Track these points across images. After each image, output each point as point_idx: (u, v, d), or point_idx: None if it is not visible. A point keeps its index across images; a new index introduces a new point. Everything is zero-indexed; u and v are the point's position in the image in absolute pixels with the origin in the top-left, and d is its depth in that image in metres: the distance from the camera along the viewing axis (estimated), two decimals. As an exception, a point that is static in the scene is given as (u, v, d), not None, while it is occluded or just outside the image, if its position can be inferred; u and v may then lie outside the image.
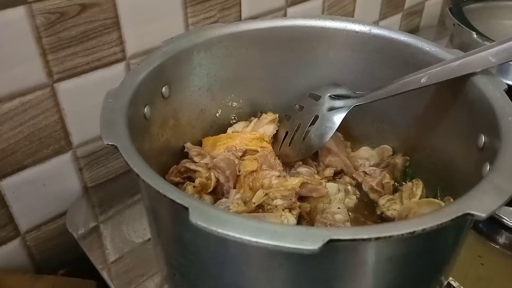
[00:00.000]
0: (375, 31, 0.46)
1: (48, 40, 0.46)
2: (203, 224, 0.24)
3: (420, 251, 0.29)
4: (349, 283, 0.29)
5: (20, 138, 0.49)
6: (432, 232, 0.25)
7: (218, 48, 0.46)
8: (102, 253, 0.50)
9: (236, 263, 0.30)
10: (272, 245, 0.23)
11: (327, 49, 0.49)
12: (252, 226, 0.24)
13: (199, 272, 0.33)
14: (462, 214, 0.25)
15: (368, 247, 0.27)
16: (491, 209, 0.25)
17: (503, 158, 0.29)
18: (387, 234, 0.24)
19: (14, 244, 0.54)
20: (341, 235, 0.23)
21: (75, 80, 0.51)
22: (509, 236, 0.52)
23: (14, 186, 0.51)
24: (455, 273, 0.47)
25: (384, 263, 0.28)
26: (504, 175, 0.28)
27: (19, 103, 0.47)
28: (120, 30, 0.52)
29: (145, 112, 0.39)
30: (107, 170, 0.59)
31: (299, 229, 0.24)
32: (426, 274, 0.32)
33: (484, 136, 0.35)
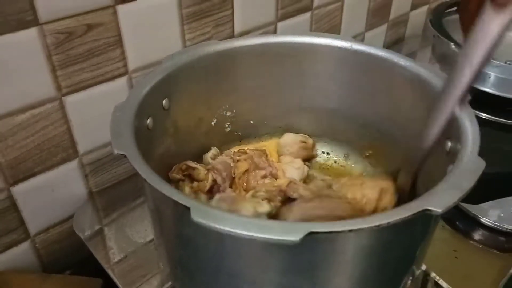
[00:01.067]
0: (355, 46, 0.50)
1: (58, 58, 0.50)
2: (202, 221, 0.28)
3: (390, 242, 0.33)
4: (329, 270, 0.33)
5: (31, 147, 0.52)
6: (398, 225, 0.29)
7: (213, 63, 0.49)
8: (107, 253, 0.53)
9: (230, 256, 0.33)
10: (260, 237, 0.27)
11: (314, 63, 0.52)
12: (244, 221, 0.28)
13: (198, 265, 0.37)
14: (421, 210, 0.28)
15: (343, 239, 0.30)
16: (447, 205, 0.28)
17: (461, 161, 0.33)
18: (358, 227, 0.28)
19: (24, 246, 0.57)
20: (319, 228, 0.27)
21: (81, 93, 0.53)
22: (484, 232, 0.56)
23: (25, 192, 0.54)
24: (431, 265, 0.51)
25: (358, 253, 0.32)
26: (460, 175, 0.31)
27: (30, 115, 0.50)
28: (123, 47, 0.55)
29: (148, 123, 0.42)
30: (110, 176, 0.62)
31: (284, 224, 0.28)
32: (398, 263, 0.36)
33: (450, 142, 0.39)
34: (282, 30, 0.72)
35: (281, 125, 0.57)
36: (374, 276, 0.35)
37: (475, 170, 0.32)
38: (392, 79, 0.48)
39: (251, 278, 0.34)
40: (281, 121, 0.57)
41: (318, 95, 0.54)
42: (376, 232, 0.31)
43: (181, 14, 0.58)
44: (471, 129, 0.36)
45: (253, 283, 0.34)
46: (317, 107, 0.55)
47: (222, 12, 0.63)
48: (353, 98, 0.53)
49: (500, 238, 0.56)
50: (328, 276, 0.33)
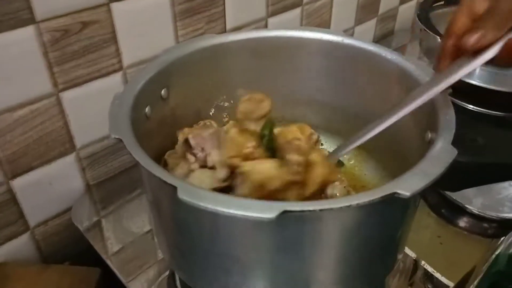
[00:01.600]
0: (346, 41, 0.51)
1: (54, 55, 0.51)
2: (188, 199, 0.29)
3: (364, 223, 0.34)
4: (307, 248, 0.34)
5: (30, 142, 0.53)
6: (369, 206, 0.30)
7: (209, 56, 0.50)
8: (105, 244, 0.54)
9: (217, 235, 0.35)
10: (239, 214, 0.29)
11: (305, 57, 0.53)
12: (225, 200, 0.30)
13: (189, 245, 0.39)
14: (390, 193, 0.30)
15: (317, 218, 0.32)
16: (414, 189, 0.30)
17: (434, 149, 0.34)
18: (329, 207, 0.29)
19: (23, 238, 0.58)
20: (293, 207, 0.29)
21: (77, 89, 0.55)
22: (468, 219, 0.58)
23: (24, 186, 0.55)
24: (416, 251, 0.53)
25: (333, 232, 0.34)
26: (430, 163, 0.33)
27: (28, 111, 0.51)
28: (117, 44, 0.56)
29: (146, 111, 0.43)
30: (107, 169, 0.63)
31: (261, 203, 0.30)
32: (375, 244, 0.37)
33: (430, 132, 0.40)
34: (273, 26, 0.73)
35: (277, 116, 0.57)
36: (351, 255, 0.37)
37: (445, 157, 0.33)
38: (380, 73, 0.49)
39: (235, 255, 0.36)
40: (277, 113, 0.57)
41: (310, 88, 0.56)
42: (348, 212, 0.33)
43: (174, 11, 0.60)
44: (447, 119, 0.38)
45: (237, 260, 0.36)
46: (310, 99, 0.57)
47: (214, 8, 0.64)
48: (343, 91, 0.54)
49: (483, 225, 0.58)
50: (307, 254, 0.35)
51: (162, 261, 0.53)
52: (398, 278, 0.52)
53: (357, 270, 0.40)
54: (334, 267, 0.38)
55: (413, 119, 0.44)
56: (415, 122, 0.44)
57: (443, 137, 0.36)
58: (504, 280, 0.51)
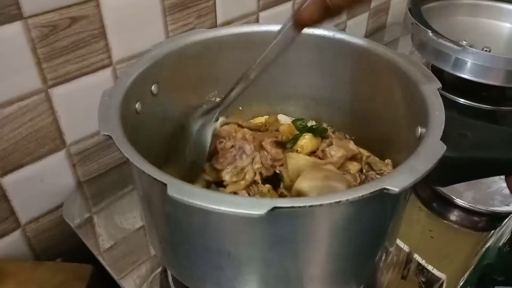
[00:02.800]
0: (338, 35, 0.51)
1: (43, 51, 0.50)
2: (177, 196, 0.29)
3: (355, 218, 0.35)
4: (297, 243, 0.34)
5: (19, 138, 0.53)
6: (358, 202, 0.31)
7: (201, 51, 0.50)
8: (97, 240, 0.54)
9: (208, 231, 0.35)
10: (229, 211, 0.29)
11: (297, 52, 0.53)
12: (215, 197, 0.30)
13: (180, 241, 0.39)
14: (379, 189, 0.30)
15: (307, 214, 0.32)
16: (403, 185, 0.30)
17: (423, 145, 0.34)
18: (318, 203, 0.29)
19: (15, 235, 0.58)
20: (283, 204, 0.29)
21: (67, 85, 0.54)
22: (458, 213, 0.59)
23: (14, 182, 0.55)
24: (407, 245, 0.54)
25: (324, 227, 0.34)
26: (419, 159, 0.33)
27: (17, 107, 0.51)
28: (107, 39, 0.56)
29: (136, 107, 0.43)
30: (98, 165, 0.63)
31: (251, 199, 0.30)
32: (366, 239, 0.38)
33: (420, 128, 0.40)
34: (264, 20, 0.73)
35: (269, 110, 0.58)
36: (342, 250, 0.37)
37: (434, 153, 0.33)
38: (371, 67, 0.49)
39: (226, 251, 0.36)
40: (269, 107, 0.58)
41: (302, 83, 0.55)
42: (338, 208, 0.33)
43: (163, 6, 0.59)
44: (436, 114, 0.38)
45: (228, 256, 0.36)
46: (302, 94, 0.57)
47: (204, 2, 0.64)
48: (335, 85, 0.54)
49: (474, 218, 0.58)
50: (298, 249, 0.35)
51: (154, 257, 0.53)
52: (392, 271, 0.52)
53: (348, 265, 0.40)
54: (326, 262, 0.38)
55: (404, 114, 0.45)
56: (406, 117, 0.44)
57: (433, 132, 0.36)
58: (493, 273, 0.52)
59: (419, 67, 0.44)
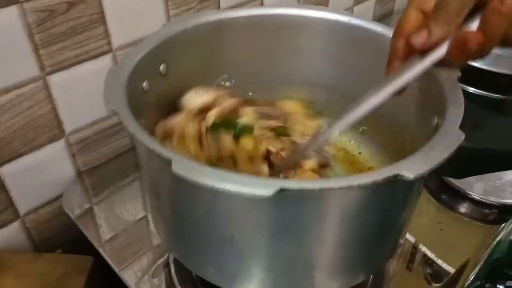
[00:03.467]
0: (353, 21, 0.49)
1: (40, 36, 0.49)
2: (182, 173, 0.28)
3: (365, 206, 0.33)
4: (304, 228, 0.33)
5: (17, 127, 0.52)
6: (370, 187, 0.30)
7: (210, 32, 0.49)
8: (97, 232, 0.54)
9: (211, 211, 0.34)
10: (234, 191, 0.27)
11: (309, 37, 0.52)
12: (221, 175, 0.28)
13: (182, 220, 0.38)
14: (393, 175, 0.29)
15: (315, 197, 0.31)
16: (418, 172, 0.29)
17: (441, 133, 0.33)
18: (329, 186, 0.28)
19: (14, 226, 0.57)
20: (290, 185, 0.28)
21: (65, 72, 0.53)
22: (469, 205, 0.58)
23: (13, 172, 0.54)
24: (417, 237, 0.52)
25: (332, 214, 0.33)
26: (436, 146, 0.32)
27: (14, 95, 0.50)
28: (106, 25, 0.54)
29: (143, 86, 0.42)
30: (98, 155, 0.62)
31: (257, 179, 0.29)
32: (376, 228, 0.36)
33: (437, 118, 0.38)
34: (268, 4, 0.71)
35: (280, 98, 0.56)
36: (351, 239, 0.36)
37: (452, 141, 0.32)
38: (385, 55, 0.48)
39: (229, 234, 0.35)
40: (279, 94, 0.56)
41: (312, 70, 0.54)
42: (348, 193, 0.31)
43: (165, -10, 0.58)
44: (455, 103, 0.36)
45: (231, 238, 0.35)
46: (311, 81, 0.55)
47: (207, -13, 0.62)
48: (346, 74, 0.52)
49: (484, 211, 0.57)
50: (304, 235, 0.34)
51: (155, 249, 0.52)
52: (397, 262, 0.51)
53: (356, 254, 0.39)
54: (333, 250, 0.37)
55: (418, 104, 0.43)
56: (421, 106, 0.42)
57: (450, 121, 0.34)
58: (504, 267, 0.51)
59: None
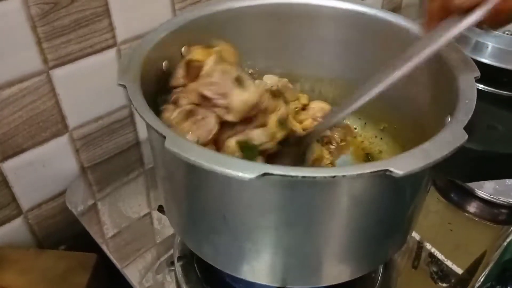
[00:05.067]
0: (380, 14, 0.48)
1: (43, 29, 0.48)
2: (174, 149, 0.29)
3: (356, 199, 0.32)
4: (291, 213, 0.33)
5: (20, 122, 0.51)
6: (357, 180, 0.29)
7: (235, 18, 0.48)
8: (101, 228, 0.53)
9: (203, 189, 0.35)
10: (220, 171, 0.28)
11: (333, 29, 0.51)
12: (210, 155, 0.29)
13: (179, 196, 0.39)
14: (381, 169, 0.28)
15: (298, 184, 0.31)
16: (409, 169, 0.28)
17: (444, 131, 0.32)
18: (312, 175, 0.28)
19: (17, 222, 0.57)
20: (275, 171, 0.28)
21: (69, 66, 0.52)
22: (479, 204, 0.56)
23: (15, 168, 0.53)
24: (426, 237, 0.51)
25: (318, 202, 0.32)
26: (435, 144, 0.30)
27: (17, 89, 0.49)
28: (110, 18, 0.53)
29: (163, 65, 0.42)
30: (102, 151, 0.61)
31: (245, 162, 0.29)
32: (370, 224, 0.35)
33: (450, 117, 0.36)
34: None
35: (303, 89, 0.56)
36: (343, 232, 0.35)
37: (452, 141, 0.30)
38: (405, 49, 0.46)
39: (221, 213, 0.35)
40: (303, 85, 0.56)
41: (331, 61, 0.53)
42: (333, 183, 0.31)
43: (171, -18, 0.57)
44: (466, 103, 0.35)
45: (223, 218, 0.35)
46: (330, 72, 0.54)
47: (214, -21, 0.61)
48: (364, 66, 0.50)
49: (494, 211, 0.56)
50: (291, 220, 0.34)
51: (159, 246, 0.51)
52: (401, 260, 0.51)
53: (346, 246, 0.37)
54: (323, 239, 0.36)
55: (435, 102, 0.42)
56: (438, 104, 0.41)
57: (457, 120, 0.33)
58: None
59: (459, 52, 0.40)
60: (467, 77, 0.38)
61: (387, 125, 0.52)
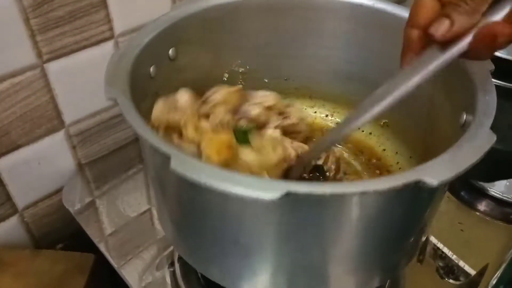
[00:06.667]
0: (377, 5, 0.46)
1: (36, 21, 0.47)
2: (181, 171, 0.26)
3: (383, 211, 0.31)
4: (315, 234, 0.31)
5: (13, 118, 0.50)
6: (388, 193, 0.27)
7: (224, 15, 0.46)
8: (98, 227, 0.52)
9: (214, 212, 0.32)
10: (236, 192, 0.25)
11: (332, 21, 0.49)
12: (222, 174, 0.26)
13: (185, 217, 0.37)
14: (413, 180, 0.26)
15: (324, 202, 0.29)
16: (443, 178, 0.26)
17: (469, 134, 0.30)
18: (341, 191, 0.26)
19: (12, 221, 0.55)
20: (298, 189, 0.25)
21: (64, 60, 0.51)
22: (490, 203, 0.55)
23: (10, 165, 0.52)
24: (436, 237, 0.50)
25: (346, 219, 0.30)
26: (464, 149, 0.29)
27: (10, 84, 0.48)
28: (107, 9, 0.52)
29: (150, 71, 0.40)
30: (100, 147, 0.60)
31: (263, 181, 0.27)
32: (393, 234, 0.34)
33: (466, 114, 0.35)
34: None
35: (297, 86, 0.54)
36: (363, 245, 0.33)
37: (481, 144, 0.29)
38: None
39: (232, 236, 0.32)
40: (296, 82, 0.54)
41: (332, 56, 0.51)
42: (363, 199, 0.29)
43: (170, -28, 0.55)
44: (487, 100, 0.33)
45: (235, 241, 0.33)
46: (330, 69, 0.52)
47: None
48: (367, 59, 0.50)
49: (506, 209, 0.54)
50: (314, 242, 0.32)
51: (158, 244, 0.50)
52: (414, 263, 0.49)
53: (369, 262, 0.36)
54: (344, 257, 0.34)
55: (447, 98, 0.40)
56: (450, 101, 0.39)
57: (481, 120, 0.31)
58: (528, 270, 0.48)
59: None
60: (481, 70, 0.36)
61: (388, 120, 0.51)
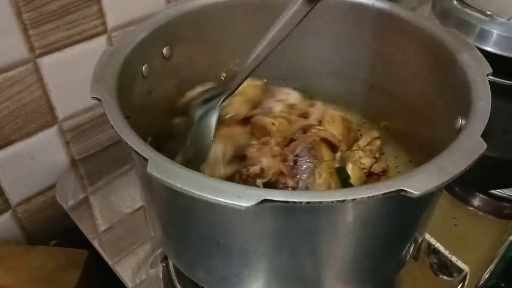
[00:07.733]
0: (377, 4, 0.46)
1: (29, 15, 0.46)
2: (156, 175, 0.26)
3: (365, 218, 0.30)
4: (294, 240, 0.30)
5: (6, 113, 0.49)
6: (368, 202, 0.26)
7: (219, 13, 0.46)
8: (92, 223, 0.52)
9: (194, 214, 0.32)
10: (211, 199, 0.25)
11: (331, 21, 0.49)
12: (198, 180, 0.26)
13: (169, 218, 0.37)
14: (394, 190, 0.25)
15: (302, 210, 0.28)
16: (425, 188, 0.25)
17: (459, 141, 0.29)
18: (318, 200, 0.25)
19: (5, 217, 0.55)
20: (275, 197, 0.25)
21: (57, 54, 0.51)
22: (483, 198, 0.55)
23: (3, 161, 0.52)
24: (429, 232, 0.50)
25: (323, 227, 0.30)
26: (451, 157, 0.27)
27: (2, 79, 0.47)
28: (100, 3, 0.51)
29: (143, 70, 0.40)
30: (94, 142, 0.60)
31: (239, 187, 0.26)
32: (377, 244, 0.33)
33: (461, 119, 0.35)
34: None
35: (296, 86, 0.53)
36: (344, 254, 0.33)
37: (470, 152, 0.28)
38: (411, 45, 0.44)
39: (214, 239, 0.32)
40: (296, 82, 0.54)
41: (331, 55, 0.51)
42: (341, 207, 0.28)
43: (164, -34, 0.55)
44: (481, 105, 0.32)
45: (217, 244, 0.32)
46: (329, 68, 0.52)
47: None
48: (368, 61, 0.49)
49: (499, 204, 0.54)
50: (293, 247, 0.31)
51: (151, 242, 0.50)
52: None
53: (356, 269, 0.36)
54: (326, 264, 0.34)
55: (444, 101, 0.39)
56: (446, 105, 0.39)
57: (472, 126, 0.31)
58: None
59: (468, 47, 0.38)
60: (478, 74, 0.35)
61: (387, 123, 0.50)
